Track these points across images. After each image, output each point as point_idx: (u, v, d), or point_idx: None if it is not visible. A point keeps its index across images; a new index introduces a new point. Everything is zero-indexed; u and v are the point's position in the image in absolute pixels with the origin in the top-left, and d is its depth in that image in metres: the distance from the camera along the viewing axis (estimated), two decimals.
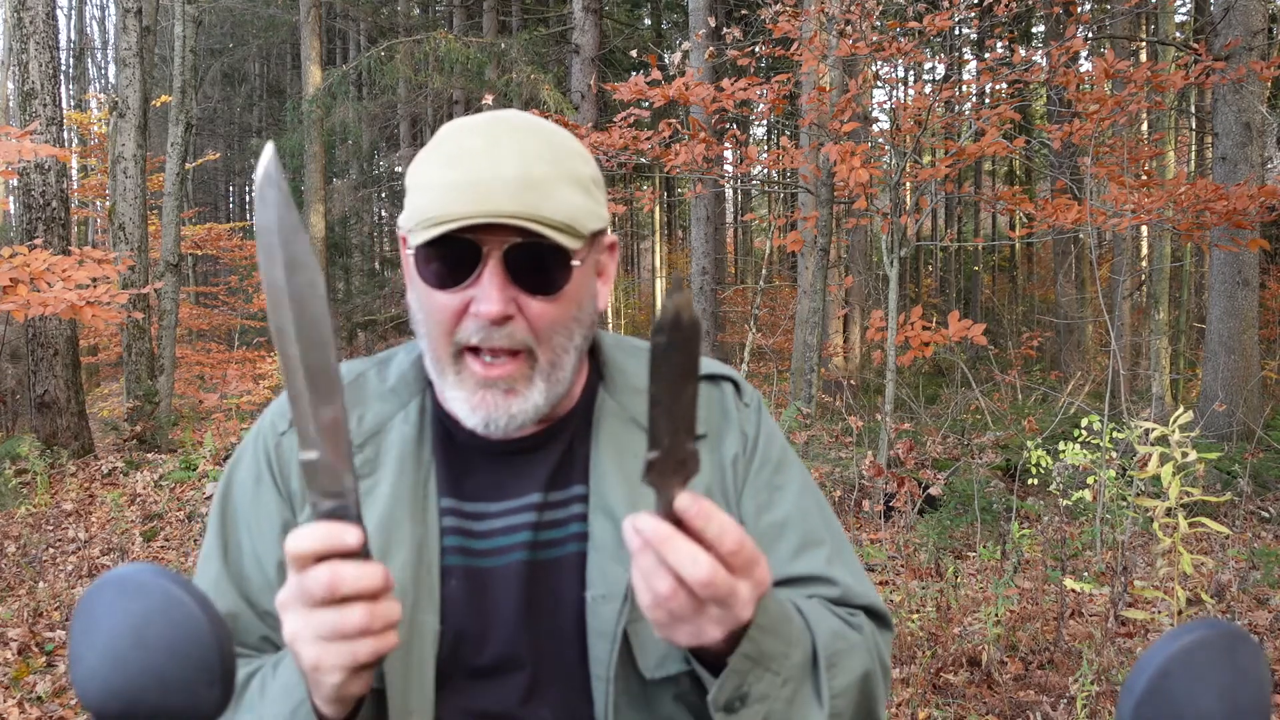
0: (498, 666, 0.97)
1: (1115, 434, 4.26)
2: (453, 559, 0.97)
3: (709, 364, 1.09)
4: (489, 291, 0.89)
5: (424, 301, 0.93)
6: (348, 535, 0.75)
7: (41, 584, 5.05)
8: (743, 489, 1.03)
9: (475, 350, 0.93)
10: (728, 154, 8.14)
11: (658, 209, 21.69)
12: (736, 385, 1.09)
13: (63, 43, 20.67)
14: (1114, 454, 4.86)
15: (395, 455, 0.99)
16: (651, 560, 0.72)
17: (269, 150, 0.73)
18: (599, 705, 0.94)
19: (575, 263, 0.92)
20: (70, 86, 21.85)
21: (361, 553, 0.76)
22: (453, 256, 0.89)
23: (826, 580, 1.00)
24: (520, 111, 0.98)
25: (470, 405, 0.93)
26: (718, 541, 0.71)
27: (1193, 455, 3.44)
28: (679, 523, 0.71)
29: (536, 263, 0.90)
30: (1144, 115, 8.77)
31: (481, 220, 0.86)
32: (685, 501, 0.71)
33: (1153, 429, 3.52)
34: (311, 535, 0.75)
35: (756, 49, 8.76)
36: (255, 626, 0.99)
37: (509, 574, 0.97)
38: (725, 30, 7.33)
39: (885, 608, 1.04)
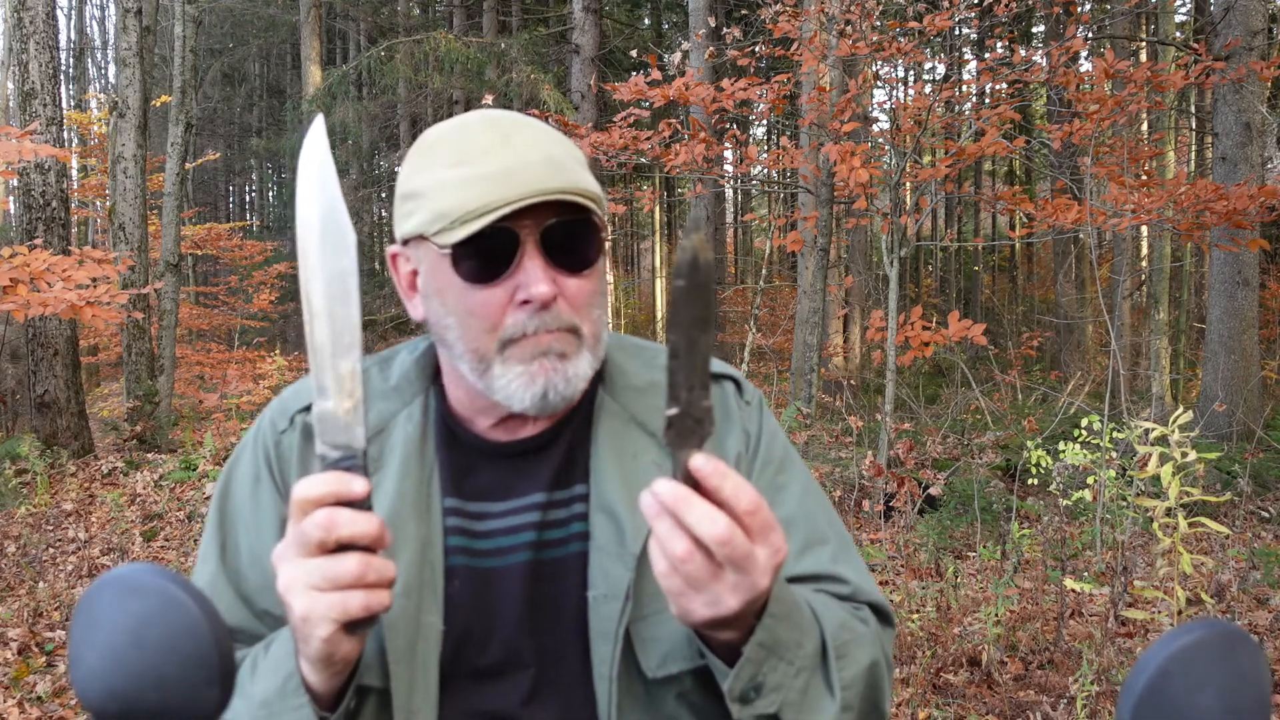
0: (501, 667, 0.97)
1: (1115, 434, 4.26)
2: (456, 559, 0.97)
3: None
4: (534, 274, 0.89)
5: (459, 302, 0.92)
6: (354, 484, 0.76)
7: (41, 584, 5.05)
8: None
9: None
10: (728, 154, 8.14)
11: (658, 209, 21.67)
12: (738, 384, 1.08)
13: (63, 43, 20.66)
14: (1114, 454, 4.86)
15: (399, 454, 0.98)
16: (668, 524, 0.71)
17: (319, 117, 0.81)
18: (602, 705, 0.93)
19: (603, 235, 0.94)
20: (70, 86, 21.86)
21: (365, 505, 0.77)
22: (488, 249, 0.89)
23: (835, 578, 1.01)
24: (500, 109, 0.99)
25: (529, 375, 0.91)
26: (734, 500, 0.71)
27: (1193, 455, 3.44)
28: (696, 486, 0.71)
29: (570, 241, 0.91)
30: (1144, 115, 8.77)
31: (528, 201, 0.87)
32: (700, 461, 0.71)
33: (1153, 429, 3.52)
34: (317, 481, 0.76)
35: (756, 49, 8.75)
36: (251, 626, 0.99)
37: (512, 574, 0.97)
38: (725, 30, 7.33)
39: (888, 605, 1.04)
